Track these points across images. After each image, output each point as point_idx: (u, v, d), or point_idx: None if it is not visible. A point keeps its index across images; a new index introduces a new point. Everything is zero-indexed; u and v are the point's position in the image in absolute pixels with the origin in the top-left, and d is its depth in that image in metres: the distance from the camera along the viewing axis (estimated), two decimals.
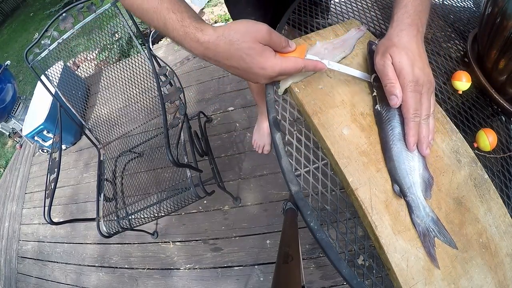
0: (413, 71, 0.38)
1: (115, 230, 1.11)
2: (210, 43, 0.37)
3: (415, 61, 0.38)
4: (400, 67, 0.38)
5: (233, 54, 0.37)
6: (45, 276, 1.72)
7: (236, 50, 0.37)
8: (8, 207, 2.25)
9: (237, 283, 1.24)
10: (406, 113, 0.38)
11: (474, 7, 0.69)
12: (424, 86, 0.38)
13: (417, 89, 0.38)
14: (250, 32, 0.37)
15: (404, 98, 0.38)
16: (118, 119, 1.40)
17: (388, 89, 0.39)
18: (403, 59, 0.38)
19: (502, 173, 0.46)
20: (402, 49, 0.39)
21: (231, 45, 0.37)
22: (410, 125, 0.38)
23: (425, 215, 0.37)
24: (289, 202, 0.49)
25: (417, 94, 0.38)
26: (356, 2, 0.66)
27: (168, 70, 1.03)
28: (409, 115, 0.38)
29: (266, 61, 0.38)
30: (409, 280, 0.34)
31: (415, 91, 0.38)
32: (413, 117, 0.38)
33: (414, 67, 0.38)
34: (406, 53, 0.38)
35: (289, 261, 0.38)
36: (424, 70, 0.39)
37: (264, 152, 1.49)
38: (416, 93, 0.38)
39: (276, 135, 0.45)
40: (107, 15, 1.13)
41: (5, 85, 2.25)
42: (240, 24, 0.38)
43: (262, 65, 0.38)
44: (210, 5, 2.59)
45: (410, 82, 0.38)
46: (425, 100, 0.39)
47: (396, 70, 0.39)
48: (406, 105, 0.38)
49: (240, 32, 0.37)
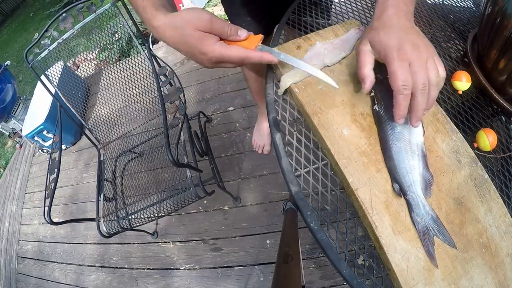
0: (397, 41, 0.36)
1: (115, 230, 1.11)
2: (159, 28, 0.41)
3: (397, 32, 0.37)
4: (380, 44, 0.37)
5: (178, 40, 0.41)
6: (45, 276, 1.72)
7: (180, 36, 0.40)
8: (8, 207, 2.25)
9: (237, 283, 1.24)
10: (393, 85, 0.35)
11: (474, 7, 0.69)
12: (413, 53, 0.35)
13: (402, 57, 0.35)
14: (191, 20, 0.39)
15: (389, 69, 0.36)
16: (118, 119, 1.40)
17: (358, 72, 0.39)
18: (381, 36, 0.37)
19: (502, 173, 0.46)
20: (380, 28, 0.38)
21: (175, 31, 0.40)
22: (398, 98, 0.35)
23: (425, 214, 0.37)
24: (289, 202, 0.49)
25: (403, 63, 0.35)
26: (356, 2, 0.66)
27: (168, 70, 1.02)
28: (396, 86, 0.35)
29: (205, 47, 0.40)
30: (410, 280, 0.34)
31: (401, 60, 0.35)
32: (402, 90, 0.34)
33: (395, 37, 0.36)
34: (383, 29, 0.37)
35: (289, 261, 0.38)
36: (409, 37, 0.36)
37: (264, 152, 1.49)
38: (402, 62, 0.35)
39: (276, 136, 0.45)
40: (107, 15, 1.13)
41: (5, 85, 2.25)
42: (186, 12, 0.40)
43: (202, 51, 0.40)
44: (210, 5, 2.59)
45: (393, 52, 0.35)
46: (419, 68, 0.34)
47: (379, 50, 0.37)
48: (391, 76, 0.35)
49: (184, 19, 0.39)
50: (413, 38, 0.36)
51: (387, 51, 0.36)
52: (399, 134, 0.40)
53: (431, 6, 0.67)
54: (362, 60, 0.39)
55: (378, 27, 0.38)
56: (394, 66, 0.35)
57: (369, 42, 0.39)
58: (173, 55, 2.32)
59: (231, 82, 1.88)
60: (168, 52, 2.39)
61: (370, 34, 0.39)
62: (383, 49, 0.37)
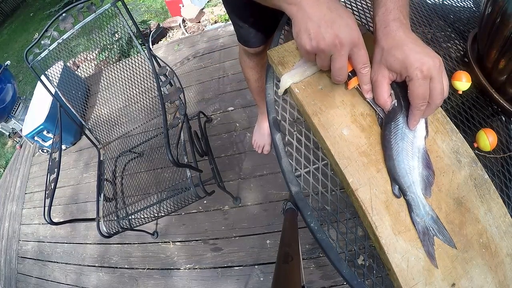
0: (415, 58, 0.36)
1: (115, 230, 1.11)
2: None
3: (412, 48, 0.37)
4: (401, 65, 0.37)
5: (328, 3, 0.38)
6: (45, 276, 1.72)
7: (335, 5, 0.38)
8: (8, 207, 2.25)
9: (237, 283, 1.24)
10: (413, 101, 0.37)
11: (474, 7, 0.69)
12: (433, 69, 0.36)
13: (424, 75, 0.36)
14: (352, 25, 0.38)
15: (411, 87, 0.37)
16: (118, 119, 1.40)
17: (377, 99, 0.41)
18: (398, 55, 0.37)
19: (502, 173, 0.46)
20: (394, 48, 0.38)
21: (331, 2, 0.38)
22: (414, 112, 0.38)
23: (424, 214, 0.37)
24: (289, 202, 0.49)
25: (425, 81, 0.36)
26: (356, 2, 0.66)
27: (168, 70, 1.03)
28: (415, 104, 0.37)
29: (354, 22, 0.38)
30: (410, 280, 0.34)
31: (424, 78, 0.36)
32: (420, 106, 0.37)
33: (413, 55, 0.36)
34: (398, 48, 0.37)
35: (289, 261, 0.38)
36: (425, 50, 0.37)
37: (264, 152, 1.49)
38: (424, 80, 0.36)
39: (276, 136, 0.45)
40: (107, 15, 1.13)
41: (5, 85, 2.25)
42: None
43: (349, 22, 0.38)
44: (210, 5, 2.59)
45: (415, 71, 0.36)
46: (437, 83, 0.36)
47: (400, 70, 0.38)
48: (412, 94, 0.37)
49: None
50: (427, 52, 0.37)
51: (409, 71, 0.36)
52: (402, 134, 0.39)
53: (431, 6, 0.67)
54: (381, 91, 0.39)
55: (391, 47, 0.38)
56: (416, 85, 0.36)
57: (386, 67, 0.39)
58: (173, 55, 2.32)
59: (231, 82, 1.88)
60: (168, 52, 2.39)
61: (384, 58, 0.39)
62: (404, 69, 0.37)
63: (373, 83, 0.40)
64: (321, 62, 0.41)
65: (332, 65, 0.39)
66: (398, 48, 0.37)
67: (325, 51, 0.38)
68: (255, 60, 1.01)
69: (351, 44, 0.38)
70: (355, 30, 0.38)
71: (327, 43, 0.37)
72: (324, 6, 0.38)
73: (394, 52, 0.37)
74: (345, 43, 0.37)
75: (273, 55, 0.49)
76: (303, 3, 0.39)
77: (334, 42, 0.37)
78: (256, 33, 0.86)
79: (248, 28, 0.84)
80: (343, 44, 0.37)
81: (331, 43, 0.37)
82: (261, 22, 0.83)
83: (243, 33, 0.87)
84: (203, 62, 2.12)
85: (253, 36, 0.87)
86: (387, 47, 0.38)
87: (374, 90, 0.41)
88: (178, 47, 2.37)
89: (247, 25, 0.83)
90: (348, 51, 0.38)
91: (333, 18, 0.37)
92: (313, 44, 0.38)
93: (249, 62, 1.04)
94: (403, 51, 0.37)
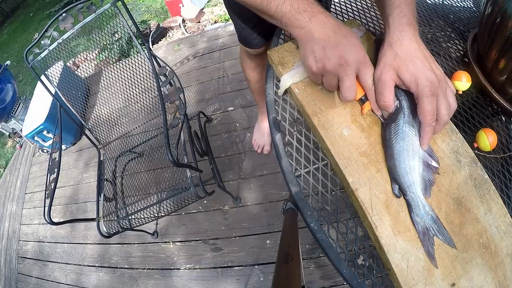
0: (425, 76, 0.37)
1: (115, 230, 1.11)
2: (321, 14, 0.40)
3: (424, 63, 0.38)
4: (412, 77, 0.37)
5: (334, 27, 0.40)
6: (45, 276, 1.72)
7: (340, 29, 0.40)
8: (8, 207, 2.25)
9: (237, 283, 1.24)
10: (423, 118, 0.38)
11: (474, 7, 0.69)
12: (441, 87, 0.37)
13: (432, 92, 0.37)
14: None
15: (421, 104, 0.37)
16: (118, 119, 1.40)
17: (382, 106, 0.41)
18: (410, 68, 0.38)
19: (502, 173, 0.46)
20: (408, 59, 0.38)
21: (338, 26, 0.40)
22: (426, 130, 0.38)
23: (424, 214, 0.37)
24: (289, 202, 0.49)
25: (433, 98, 0.37)
26: (356, 2, 0.66)
27: (168, 70, 1.03)
28: (426, 121, 0.37)
29: (359, 43, 0.39)
30: (409, 280, 0.34)
31: (432, 95, 0.37)
32: (430, 123, 0.37)
33: (423, 72, 0.37)
34: (411, 61, 0.38)
35: (289, 261, 0.38)
36: (434, 69, 0.38)
37: (264, 152, 1.49)
38: (433, 97, 0.37)
39: (276, 136, 0.45)
40: (107, 15, 1.13)
41: (5, 85, 2.25)
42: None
43: (354, 43, 0.39)
44: (210, 5, 2.59)
45: (425, 87, 0.37)
46: (443, 99, 0.37)
47: (409, 82, 0.38)
48: (423, 112, 0.37)
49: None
50: (435, 69, 0.38)
51: (420, 87, 0.37)
52: (403, 134, 0.39)
53: (431, 6, 0.67)
54: (387, 91, 0.39)
55: (406, 56, 0.38)
56: (425, 102, 0.37)
57: (395, 71, 0.39)
58: (173, 55, 2.32)
59: (231, 82, 1.88)
60: (168, 52, 2.39)
61: (396, 63, 0.39)
62: (414, 82, 0.37)
63: (379, 82, 0.40)
64: (328, 83, 0.41)
65: (341, 85, 0.40)
66: (411, 60, 0.38)
67: (331, 72, 0.39)
68: (256, 61, 1.01)
69: (357, 63, 0.38)
70: (361, 49, 0.39)
71: (333, 64, 0.38)
72: (329, 29, 0.39)
73: (408, 63, 0.38)
74: (351, 63, 0.38)
75: (273, 55, 0.49)
76: (309, 27, 0.40)
77: (340, 62, 0.38)
78: (258, 34, 0.85)
79: (250, 29, 0.84)
80: (349, 64, 0.38)
81: (336, 64, 0.38)
82: (264, 23, 0.83)
83: (245, 34, 0.87)
84: (203, 62, 2.12)
85: (255, 37, 0.87)
86: (402, 55, 0.39)
87: (380, 89, 0.40)
88: (178, 47, 2.37)
89: (249, 27, 0.83)
90: (355, 70, 0.39)
91: (337, 40, 0.38)
92: (319, 65, 0.39)
93: (250, 63, 1.04)
94: (415, 65, 0.38)
